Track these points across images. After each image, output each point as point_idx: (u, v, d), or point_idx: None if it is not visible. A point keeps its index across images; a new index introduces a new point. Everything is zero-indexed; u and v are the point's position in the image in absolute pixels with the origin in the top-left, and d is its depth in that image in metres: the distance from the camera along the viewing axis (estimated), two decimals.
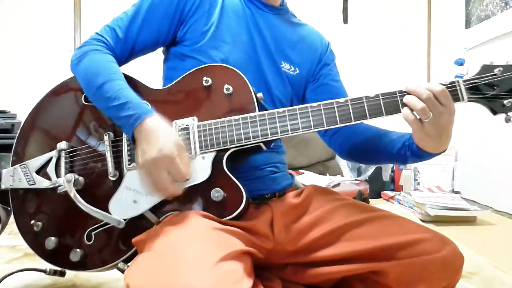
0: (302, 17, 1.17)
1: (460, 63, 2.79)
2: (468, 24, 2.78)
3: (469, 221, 2.11)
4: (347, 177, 2.86)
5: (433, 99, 0.80)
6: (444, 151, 0.90)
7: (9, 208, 0.99)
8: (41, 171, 0.96)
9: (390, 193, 2.80)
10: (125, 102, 0.84)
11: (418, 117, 0.81)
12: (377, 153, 1.03)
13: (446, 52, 3.08)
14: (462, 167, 2.85)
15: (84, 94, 0.96)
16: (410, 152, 0.92)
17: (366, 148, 1.05)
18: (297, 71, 1.06)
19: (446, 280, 0.86)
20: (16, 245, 1.61)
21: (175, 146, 0.80)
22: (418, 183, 2.81)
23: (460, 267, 0.88)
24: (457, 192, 2.74)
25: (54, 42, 3.02)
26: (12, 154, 1.00)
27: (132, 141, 0.85)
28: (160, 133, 0.81)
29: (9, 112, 2.84)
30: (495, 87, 0.83)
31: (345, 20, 2.98)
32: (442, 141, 0.85)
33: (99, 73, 0.88)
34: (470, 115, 2.65)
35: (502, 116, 0.85)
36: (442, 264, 0.85)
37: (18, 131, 1.01)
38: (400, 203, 2.56)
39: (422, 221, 2.12)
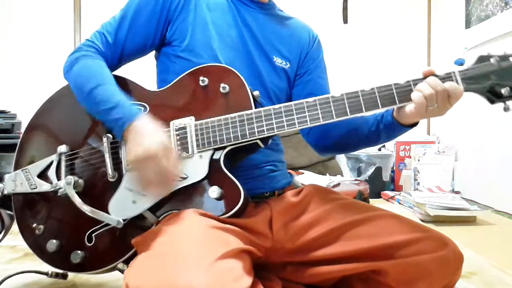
0: (301, 17, 1.17)
1: (460, 63, 2.77)
2: (468, 24, 2.78)
3: (469, 221, 2.11)
4: (347, 177, 2.86)
5: (445, 96, 0.82)
6: (417, 124, 0.92)
7: (13, 213, 0.99)
8: (43, 175, 0.97)
9: (390, 193, 2.80)
10: (114, 106, 0.86)
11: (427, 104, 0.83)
12: (351, 134, 1.03)
13: (446, 52, 3.09)
14: (462, 167, 2.85)
15: None
16: (383, 125, 0.95)
17: (342, 135, 1.05)
18: (288, 65, 1.06)
19: (445, 279, 0.86)
20: (16, 245, 1.61)
21: (161, 147, 0.81)
22: (418, 183, 2.81)
23: (460, 266, 0.88)
24: (457, 192, 2.74)
25: (54, 43, 3.02)
26: (14, 159, 1.01)
27: (123, 142, 0.88)
28: (146, 135, 0.82)
29: (9, 112, 2.85)
30: (492, 77, 0.83)
31: (345, 20, 2.98)
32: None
33: (90, 78, 0.90)
34: (470, 115, 2.65)
35: (500, 106, 0.85)
36: (442, 263, 0.85)
37: (20, 138, 1.03)
38: (400, 203, 2.56)
39: (422, 221, 2.12)
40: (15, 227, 0.98)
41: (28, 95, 2.80)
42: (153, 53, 1.05)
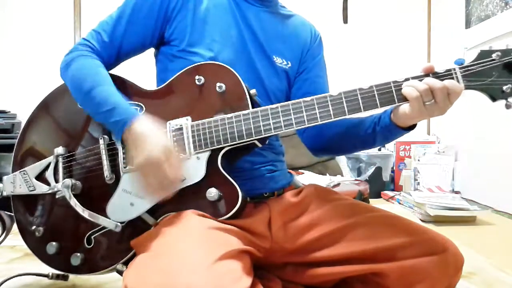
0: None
1: (460, 63, 2.77)
2: (468, 24, 2.78)
3: (469, 221, 2.11)
4: (347, 177, 2.86)
5: (445, 94, 0.80)
6: (415, 127, 0.90)
7: (13, 214, 0.99)
8: (41, 176, 0.96)
9: (390, 193, 2.80)
10: (112, 108, 0.85)
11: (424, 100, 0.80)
12: (347, 136, 1.01)
13: (446, 52, 3.08)
14: (462, 167, 2.85)
15: None
16: (380, 127, 0.92)
17: (338, 136, 1.03)
18: (289, 65, 1.04)
19: (445, 282, 0.86)
20: (16, 245, 1.61)
21: (162, 150, 0.80)
22: (418, 183, 2.81)
23: (460, 268, 0.88)
24: (457, 192, 2.74)
25: (54, 43, 3.02)
26: (12, 161, 1.01)
27: (123, 145, 0.87)
28: (147, 138, 0.81)
29: (9, 112, 2.84)
30: (493, 73, 0.79)
31: (345, 20, 2.98)
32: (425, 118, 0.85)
33: (86, 78, 0.89)
34: (470, 115, 2.65)
35: (501, 103, 0.81)
36: (442, 265, 0.84)
37: (17, 139, 1.02)
38: (400, 203, 2.56)
39: (422, 221, 2.12)
40: (14, 226, 0.98)
41: (28, 95, 2.79)
42: (152, 51, 1.05)
